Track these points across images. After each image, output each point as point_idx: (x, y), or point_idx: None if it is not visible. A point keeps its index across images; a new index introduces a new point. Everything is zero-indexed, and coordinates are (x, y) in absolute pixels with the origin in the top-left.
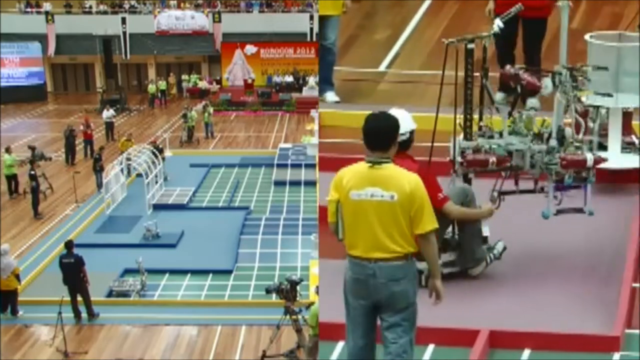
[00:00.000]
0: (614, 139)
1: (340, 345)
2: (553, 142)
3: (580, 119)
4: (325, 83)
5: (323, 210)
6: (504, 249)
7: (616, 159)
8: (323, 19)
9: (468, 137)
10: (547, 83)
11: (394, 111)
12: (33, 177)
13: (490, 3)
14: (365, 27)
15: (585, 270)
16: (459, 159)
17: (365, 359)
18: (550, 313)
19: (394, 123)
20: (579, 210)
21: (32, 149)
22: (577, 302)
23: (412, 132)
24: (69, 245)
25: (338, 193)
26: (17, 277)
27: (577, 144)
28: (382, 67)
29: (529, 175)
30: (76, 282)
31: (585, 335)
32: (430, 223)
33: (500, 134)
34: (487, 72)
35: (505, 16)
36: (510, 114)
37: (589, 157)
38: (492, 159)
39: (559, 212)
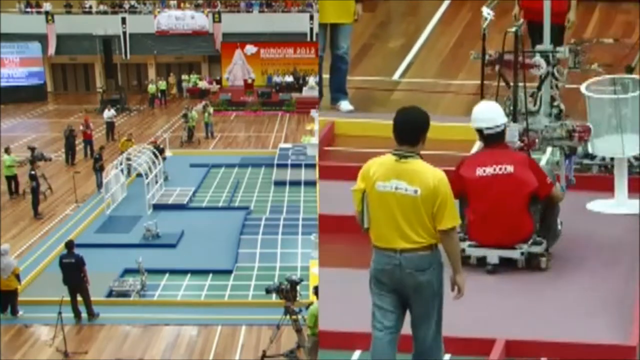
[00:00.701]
0: (620, 187)
1: (342, 354)
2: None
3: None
4: (339, 92)
5: (323, 219)
6: (561, 223)
7: (622, 205)
8: (334, 28)
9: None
10: (540, 62)
11: (484, 103)
12: (33, 177)
13: (516, 7)
14: (379, 36)
15: (606, 271)
16: (518, 142)
17: (389, 350)
18: (568, 319)
19: (424, 118)
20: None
21: (32, 149)
22: (596, 307)
23: (505, 125)
24: (69, 245)
25: (364, 183)
26: (17, 277)
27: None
28: (396, 76)
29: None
30: (76, 282)
31: (602, 345)
32: (452, 220)
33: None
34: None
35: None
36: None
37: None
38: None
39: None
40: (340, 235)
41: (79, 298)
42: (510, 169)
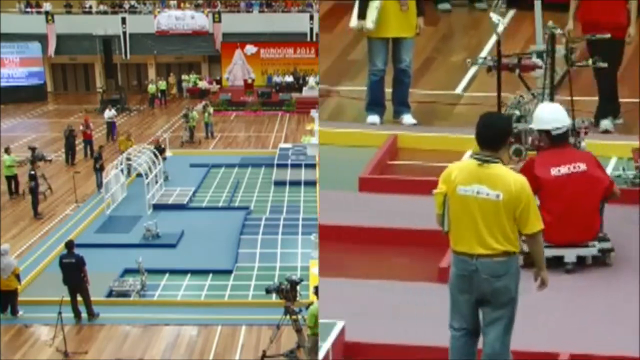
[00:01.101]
0: None
1: None
2: None
3: None
4: (402, 105)
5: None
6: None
7: None
8: (397, 42)
9: None
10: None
11: (548, 105)
12: (32, 177)
13: (570, 23)
14: (441, 50)
15: None
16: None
17: (465, 352)
18: (629, 331)
19: (506, 123)
20: None
21: (33, 149)
22: None
23: (567, 127)
24: (69, 245)
25: (446, 186)
26: (17, 277)
27: None
28: (458, 90)
29: None
30: (76, 282)
31: None
32: (537, 224)
33: None
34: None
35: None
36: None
37: None
38: None
39: None
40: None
41: (79, 298)
42: (583, 167)
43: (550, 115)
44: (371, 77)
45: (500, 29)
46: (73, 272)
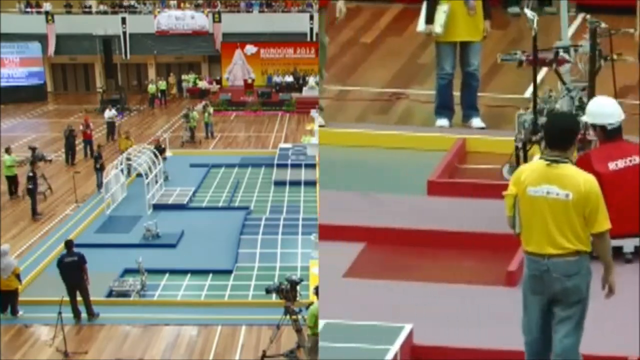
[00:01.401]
0: None
1: None
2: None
3: None
4: (471, 109)
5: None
6: None
7: None
8: (464, 45)
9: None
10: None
11: (602, 99)
12: (30, 179)
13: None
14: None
15: None
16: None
17: (540, 353)
18: None
19: (574, 124)
20: None
21: (33, 149)
22: None
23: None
24: (69, 244)
25: (516, 188)
26: (18, 277)
27: None
28: (527, 94)
29: None
30: (76, 282)
31: None
32: (604, 223)
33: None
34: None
35: None
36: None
37: None
38: None
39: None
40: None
41: (79, 298)
42: (638, 159)
43: (605, 109)
44: (439, 81)
45: (535, 25)
46: (74, 271)
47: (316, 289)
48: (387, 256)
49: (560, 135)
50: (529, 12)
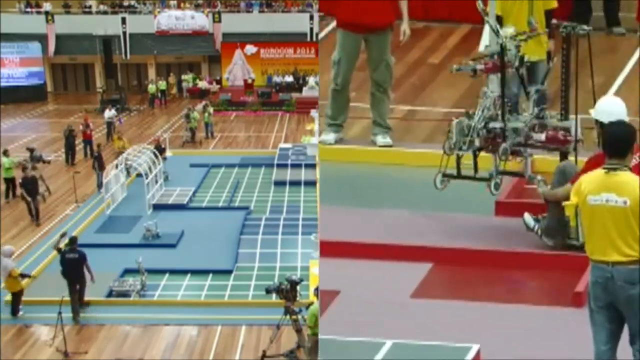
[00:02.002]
0: None
1: None
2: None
3: None
4: None
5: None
6: None
7: None
8: (531, 66)
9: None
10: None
11: (608, 97)
12: (23, 184)
13: None
14: (578, 74)
15: None
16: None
17: None
18: None
19: (631, 132)
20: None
21: (31, 150)
22: None
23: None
24: (72, 241)
25: (577, 198)
26: (22, 276)
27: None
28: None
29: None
30: (76, 278)
31: None
32: None
33: None
34: None
35: None
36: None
37: None
38: None
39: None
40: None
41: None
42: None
43: (609, 107)
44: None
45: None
46: (75, 268)
47: (316, 289)
48: (454, 276)
49: (618, 143)
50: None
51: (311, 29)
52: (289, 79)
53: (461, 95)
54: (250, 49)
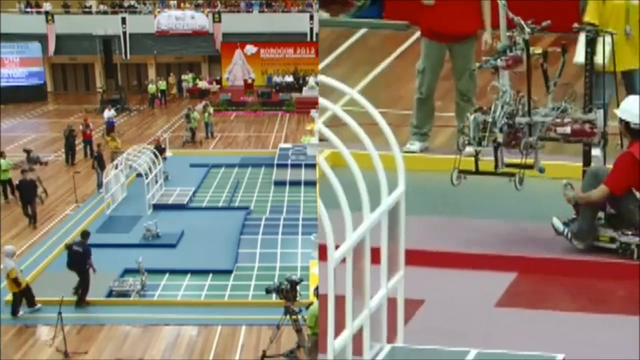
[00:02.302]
0: None
1: None
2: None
3: None
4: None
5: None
6: None
7: None
8: (626, 74)
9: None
10: None
11: (635, 97)
12: (19, 188)
13: None
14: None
15: None
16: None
17: None
18: None
19: None
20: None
21: (28, 152)
22: None
23: None
24: (84, 235)
25: None
26: (15, 280)
27: None
28: None
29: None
30: (79, 270)
31: None
32: None
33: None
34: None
35: None
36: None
37: None
38: None
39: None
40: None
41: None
42: None
43: (635, 108)
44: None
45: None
46: (79, 261)
47: (316, 289)
48: (539, 286)
49: None
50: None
51: (311, 29)
52: (289, 79)
53: (544, 105)
54: (250, 49)
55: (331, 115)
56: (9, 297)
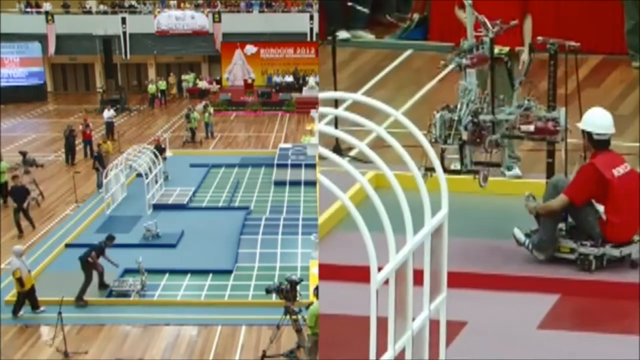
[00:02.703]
0: None
1: None
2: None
3: None
4: None
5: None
6: None
7: None
8: None
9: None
10: None
11: (597, 109)
12: (12, 192)
13: None
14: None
15: None
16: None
17: None
18: None
19: None
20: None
21: (23, 154)
22: None
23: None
24: (108, 238)
25: None
26: (19, 280)
27: None
28: None
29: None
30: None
31: None
32: None
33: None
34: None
35: None
36: None
37: None
38: None
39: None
40: None
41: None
42: (628, 166)
43: (598, 120)
44: None
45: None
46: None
47: (316, 289)
48: (582, 308)
49: None
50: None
51: (311, 29)
52: (289, 79)
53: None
54: (250, 49)
55: (375, 137)
56: (9, 297)
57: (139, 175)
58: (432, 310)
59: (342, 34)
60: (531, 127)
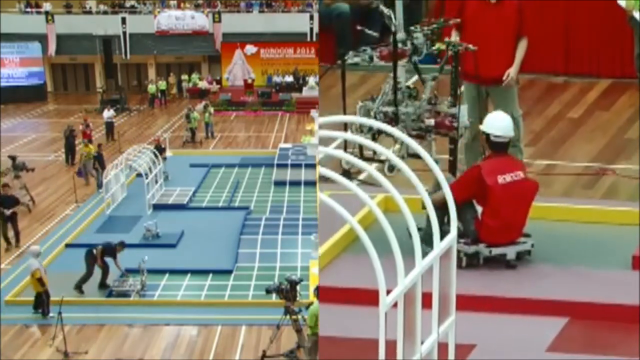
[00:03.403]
0: None
1: None
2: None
3: None
4: None
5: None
6: None
7: None
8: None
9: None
10: None
11: (498, 113)
12: (1, 203)
13: None
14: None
15: None
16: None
17: None
18: None
19: None
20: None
21: (13, 158)
22: None
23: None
24: (122, 244)
25: None
26: (40, 280)
27: None
28: None
29: None
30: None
31: None
32: None
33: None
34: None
35: None
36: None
37: None
38: None
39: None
40: None
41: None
42: (521, 174)
43: (497, 122)
44: None
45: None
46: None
47: (316, 289)
48: (592, 331)
49: None
50: (385, 9)
51: (311, 29)
52: (289, 79)
53: (600, 150)
54: (250, 49)
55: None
56: (8, 297)
57: (139, 175)
58: (441, 333)
59: (352, 58)
60: (432, 121)
